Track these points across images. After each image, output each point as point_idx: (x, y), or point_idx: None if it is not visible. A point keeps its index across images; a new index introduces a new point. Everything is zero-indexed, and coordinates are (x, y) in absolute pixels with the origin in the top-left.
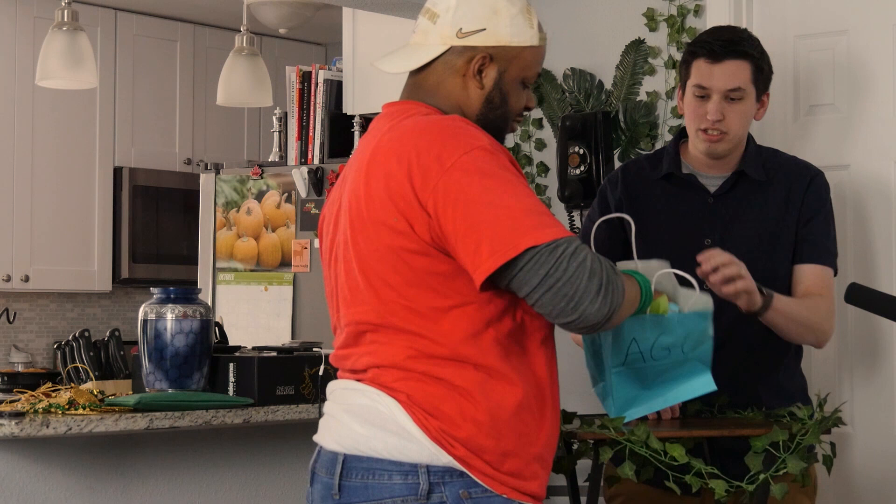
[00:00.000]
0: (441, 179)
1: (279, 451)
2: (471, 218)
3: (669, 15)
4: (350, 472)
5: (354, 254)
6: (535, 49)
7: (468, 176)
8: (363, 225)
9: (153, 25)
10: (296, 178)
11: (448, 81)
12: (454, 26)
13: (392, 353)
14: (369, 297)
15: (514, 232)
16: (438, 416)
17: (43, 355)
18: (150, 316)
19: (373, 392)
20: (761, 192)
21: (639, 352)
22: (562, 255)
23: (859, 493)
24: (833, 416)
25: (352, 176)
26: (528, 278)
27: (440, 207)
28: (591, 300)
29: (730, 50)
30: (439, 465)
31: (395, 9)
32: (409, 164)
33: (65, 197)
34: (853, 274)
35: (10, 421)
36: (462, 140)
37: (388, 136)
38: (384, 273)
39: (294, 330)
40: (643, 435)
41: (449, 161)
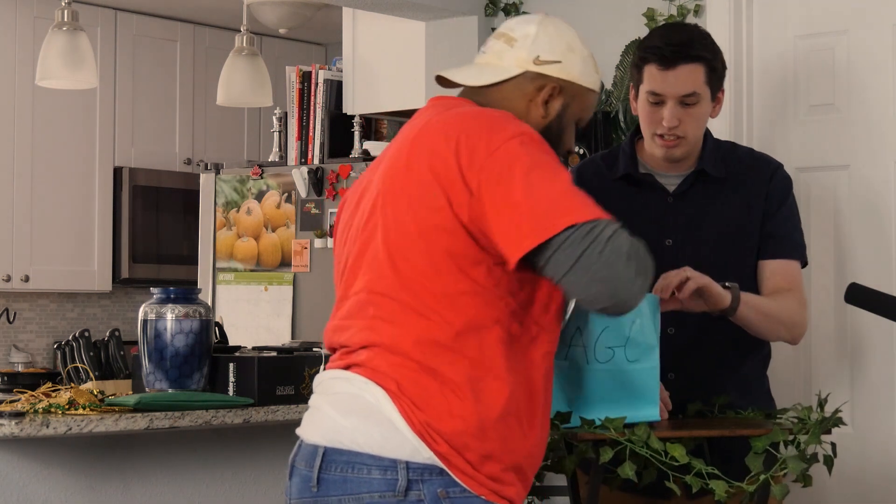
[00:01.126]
0: (487, 159)
1: (279, 451)
2: (512, 197)
3: (669, 15)
4: (329, 465)
5: (382, 223)
6: (595, 94)
7: (513, 158)
8: (395, 197)
9: (153, 25)
10: (296, 178)
11: (514, 102)
12: (532, 53)
13: (392, 334)
14: (386, 268)
15: (555, 211)
16: (425, 409)
17: (43, 355)
18: (150, 316)
19: (360, 381)
20: (721, 189)
21: (582, 347)
22: (599, 235)
23: (859, 493)
24: (833, 416)
25: (390, 154)
26: (565, 258)
27: (484, 185)
28: (627, 285)
29: (682, 55)
30: (419, 461)
31: (395, 9)
32: (456, 143)
33: (65, 197)
34: (853, 274)
35: (10, 421)
36: (510, 126)
37: (436, 119)
38: (406, 247)
39: (294, 330)
40: (644, 435)
41: (495, 143)
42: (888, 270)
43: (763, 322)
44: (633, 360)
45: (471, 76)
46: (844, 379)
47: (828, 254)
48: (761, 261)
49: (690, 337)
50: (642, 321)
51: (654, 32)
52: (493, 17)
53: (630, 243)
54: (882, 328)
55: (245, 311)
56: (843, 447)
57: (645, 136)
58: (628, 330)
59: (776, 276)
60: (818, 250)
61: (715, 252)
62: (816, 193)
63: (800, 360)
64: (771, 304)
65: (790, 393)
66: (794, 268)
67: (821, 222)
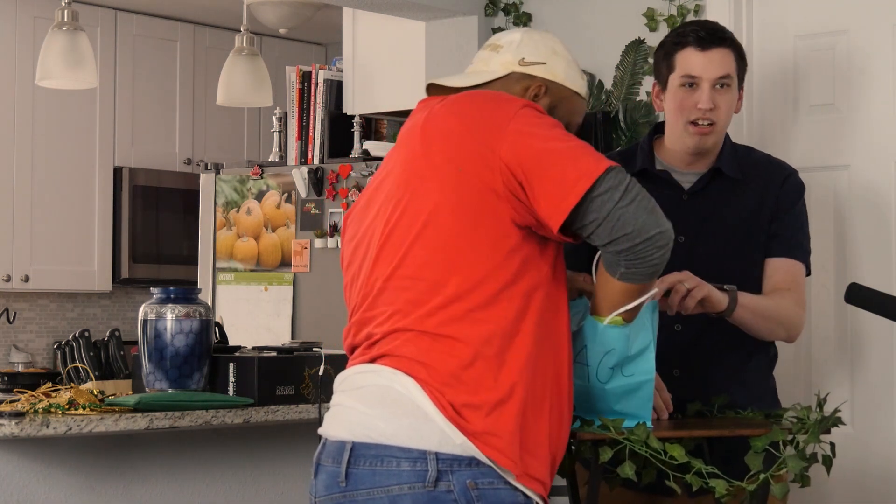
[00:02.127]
0: (510, 125)
1: (279, 451)
2: (549, 153)
3: (669, 15)
4: (358, 459)
5: (408, 210)
6: (581, 100)
7: (533, 119)
8: (421, 181)
9: (153, 25)
10: (296, 178)
11: None
12: (517, 56)
13: (418, 302)
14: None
15: (592, 157)
16: (455, 387)
17: (43, 355)
18: (150, 316)
19: (389, 372)
20: (736, 190)
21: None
22: (627, 177)
23: (859, 493)
24: (833, 417)
25: (402, 157)
26: (611, 196)
27: (517, 147)
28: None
29: (718, 37)
30: (449, 451)
31: (395, 9)
32: (471, 119)
33: (65, 197)
34: (853, 274)
35: (10, 421)
36: (514, 99)
37: (439, 106)
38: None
39: (294, 330)
40: (643, 435)
41: (511, 111)
42: (888, 270)
43: (759, 322)
44: (628, 374)
45: (458, 80)
46: (844, 379)
47: (828, 254)
48: (766, 259)
49: (696, 334)
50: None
51: (682, 25)
52: (493, 17)
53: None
54: (882, 328)
55: (245, 311)
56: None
57: (675, 127)
58: (627, 350)
59: (777, 274)
60: (818, 250)
61: (726, 251)
62: (816, 193)
63: (800, 360)
64: (767, 304)
65: (790, 393)
66: (796, 268)
67: (821, 222)
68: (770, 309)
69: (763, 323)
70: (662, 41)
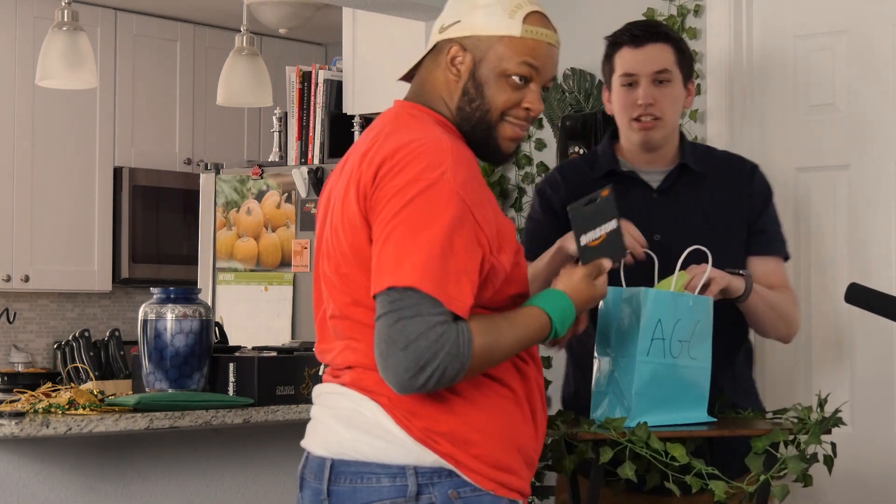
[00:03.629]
0: (385, 190)
1: (279, 451)
2: (380, 236)
3: (669, 15)
4: (338, 476)
5: (332, 246)
6: (513, 40)
7: (402, 196)
8: (342, 225)
9: (153, 25)
10: (296, 178)
11: (432, 76)
12: (438, 25)
13: (366, 352)
14: (339, 292)
15: (387, 265)
16: (420, 415)
17: (43, 355)
18: (150, 316)
19: (356, 396)
20: (704, 185)
21: (661, 339)
22: (399, 309)
23: (859, 493)
24: (833, 416)
25: (346, 174)
26: (377, 310)
27: (375, 211)
28: (394, 373)
29: (651, 33)
30: (427, 465)
31: (395, 9)
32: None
33: (65, 197)
34: (853, 274)
35: (10, 421)
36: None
37: (378, 144)
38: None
39: (294, 330)
40: (644, 435)
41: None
42: (888, 270)
43: (767, 313)
44: (694, 357)
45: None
46: (844, 379)
47: (828, 254)
48: (753, 256)
49: None
50: (705, 322)
51: (620, 29)
52: None
53: (423, 333)
54: (882, 328)
55: (245, 311)
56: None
57: (622, 125)
58: (694, 327)
59: (770, 274)
60: (818, 250)
61: (698, 244)
62: (816, 193)
63: (800, 360)
64: (776, 296)
65: (790, 393)
66: (783, 266)
67: (821, 222)
68: (777, 302)
69: (770, 314)
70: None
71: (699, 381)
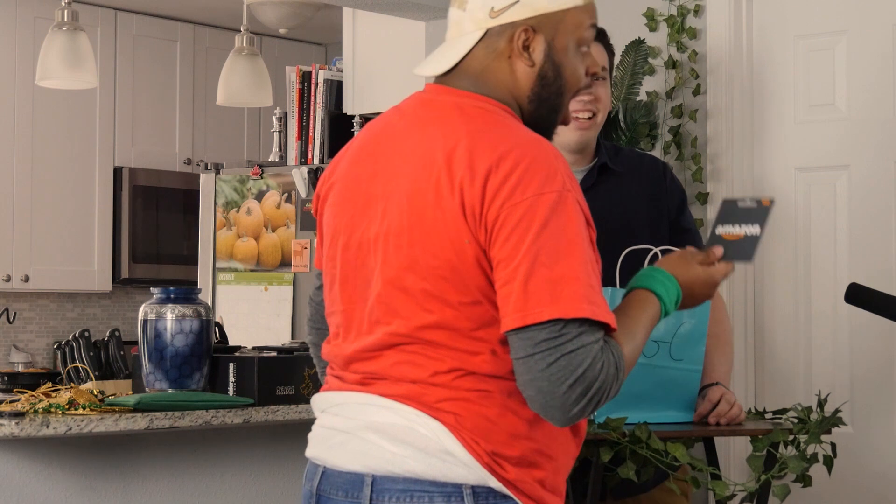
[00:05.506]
0: (507, 207)
1: (279, 451)
2: (514, 262)
3: (669, 15)
4: (382, 494)
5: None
6: (579, 9)
7: (534, 215)
8: (425, 235)
9: (153, 25)
10: (296, 178)
11: (493, 67)
12: (485, 8)
13: (437, 369)
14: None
15: (542, 297)
16: (492, 439)
17: (43, 355)
18: (150, 316)
19: (409, 412)
20: (621, 182)
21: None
22: (566, 342)
23: (859, 493)
24: (833, 416)
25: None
26: (526, 345)
27: (494, 233)
28: (565, 408)
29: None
30: (485, 485)
31: (395, 9)
32: (483, 185)
33: (65, 197)
34: (853, 274)
35: (10, 421)
36: (544, 177)
37: (466, 144)
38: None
39: (294, 330)
40: (644, 435)
41: (521, 195)
42: (888, 270)
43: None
44: (677, 358)
45: (437, 63)
46: (844, 379)
47: (828, 254)
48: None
49: None
50: (694, 323)
51: None
52: None
53: (606, 372)
54: (882, 328)
55: (245, 311)
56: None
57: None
58: (676, 329)
59: None
60: (818, 250)
61: (626, 244)
62: (816, 193)
63: (800, 360)
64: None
65: (790, 393)
66: None
67: (821, 222)
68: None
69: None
70: None
71: (683, 383)
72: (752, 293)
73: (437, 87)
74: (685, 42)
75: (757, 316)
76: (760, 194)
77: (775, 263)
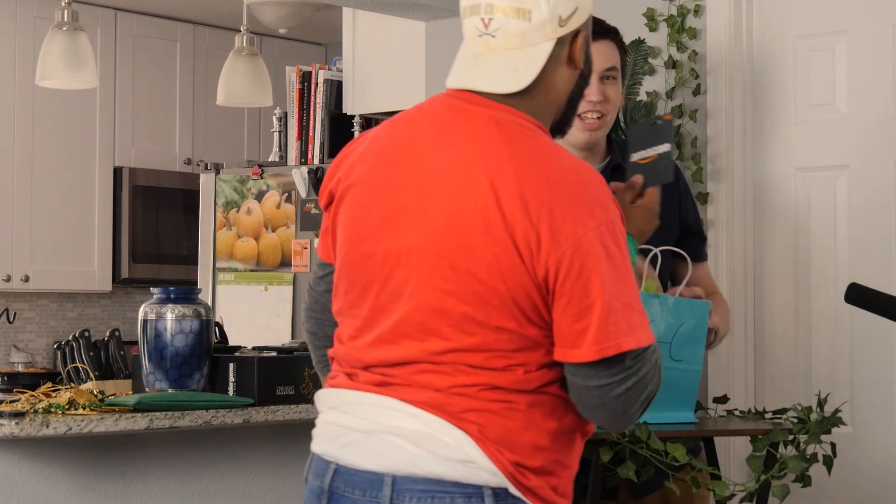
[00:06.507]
0: (571, 245)
1: (279, 451)
2: (588, 299)
3: (669, 15)
4: (403, 494)
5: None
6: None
7: (596, 251)
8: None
9: (153, 25)
10: (296, 178)
11: (555, 76)
12: (553, 17)
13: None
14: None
15: (620, 327)
16: (515, 449)
17: (43, 355)
18: (150, 316)
19: (433, 419)
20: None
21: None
22: (639, 369)
23: (859, 493)
24: (833, 416)
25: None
26: (594, 377)
27: (562, 274)
28: (628, 423)
29: (602, 29)
30: (506, 488)
31: (395, 9)
32: (538, 217)
33: (65, 197)
34: (853, 274)
35: (10, 421)
36: (598, 208)
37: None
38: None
39: (294, 330)
40: (644, 435)
41: (583, 229)
42: (888, 270)
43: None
44: (677, 359)
45: (506, 79)
46: (844, 379)
47: (828, 254)
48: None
49: None
50: (693, 323)
51: None
52: None
53: (657, 381)
54: (882, 328)
55: (245, 311)
56: (843, 447)
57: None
58: (677, 329)
59: (704, 279)
60: (818, 250)
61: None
62: (816, 193)
63: (800, 360)
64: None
65: (790, 393)
66: (709, 270)
67: (821, 222)
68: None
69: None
70: None
71: (683, 383)
72: (752, 293)
73: (467, 95)
74: (685, 42)
75: (757, 316)
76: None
77: (775, 263)
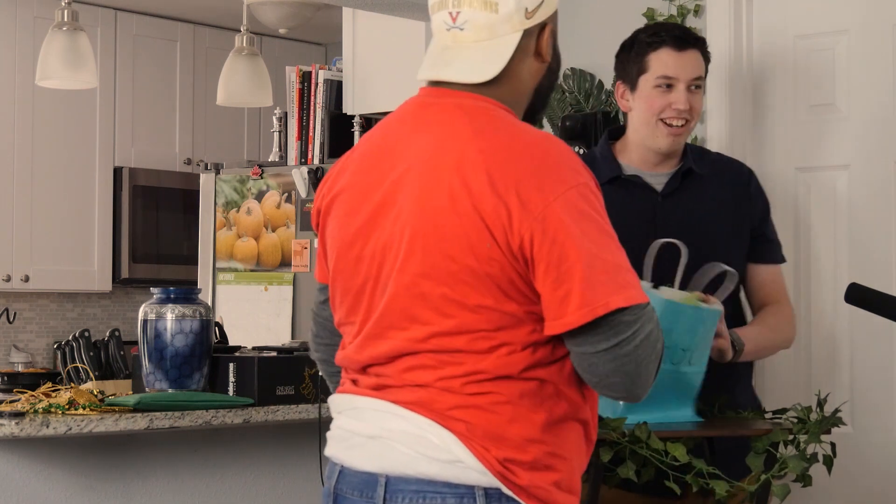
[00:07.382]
0: (541, 212)
1: (279, 451)
2: (566, 263)
3: (669, 15)
4: (395, 494)
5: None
6: None
7: (569, 214)
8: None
9: (153, 25)
10: (296, 178)
11: (520, 67)
12: (520, 9)
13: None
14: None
15: (607, 287)
16: (503, 444)
17: (43, 355)
18: (150, 316)
19: (420, 420)
20: (704, 187)
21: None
22: (641, 326)
23: (859, 493)
24: (833, 416)
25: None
26: (600, 340)
27: (536, 242)
28: (646, 384)
29: (692, 39)
30: (498, 488)
31: (395, 9)
32: (506, 190)
33: (65, 197)
34: (853, 274)
35: (10, 421)
36: (566, 173)
37: (475, 147)
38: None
39: (294, 330)
40: (644, 435)
41: (552, 194)
42: (888, 270)
43: (760, 355)
44: (693, 363)
45: (473, 69)
46: (844, 379)
47: (828, 254)
48: (754, 264)
49: None
50: (705, 329)
51: (653, 26)
52: None
53: (658, 334)
54: (882, 328)
55: (245, 311)
56: (843, 447)
57: (646, 127)
58: (696, 335)
59: (768, 285)
60: (818, 250)
61: (707, 248)
62: (816, 193)
63: (800, 360)
64: (768, 337)
65: (790, 393)
66: (782, 274)
67: (821, 222)
68: (769, 340)
69: (763, 354)
70: (629, 42)
71: (691, 383)
72: None
73: (436, 90)
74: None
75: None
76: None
77: None
